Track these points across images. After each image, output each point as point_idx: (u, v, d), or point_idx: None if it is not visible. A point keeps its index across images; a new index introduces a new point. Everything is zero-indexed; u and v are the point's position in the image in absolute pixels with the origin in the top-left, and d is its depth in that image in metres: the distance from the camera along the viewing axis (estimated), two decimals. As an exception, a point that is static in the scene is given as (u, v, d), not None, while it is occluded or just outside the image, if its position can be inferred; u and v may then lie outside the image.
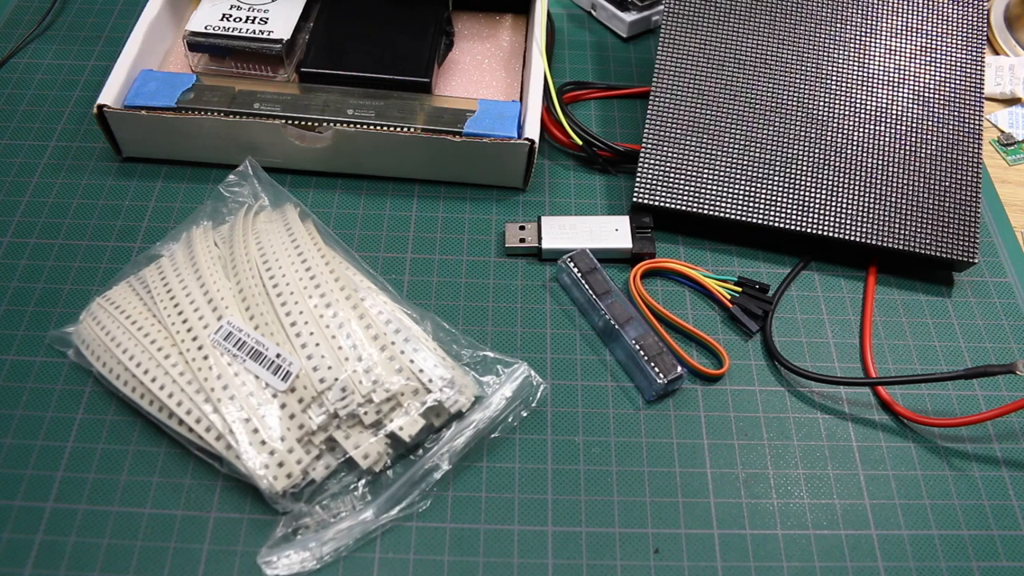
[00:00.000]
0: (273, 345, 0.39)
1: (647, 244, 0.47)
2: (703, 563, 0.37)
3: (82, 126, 0.53)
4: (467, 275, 0.47)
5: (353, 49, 0.51)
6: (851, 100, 0.49)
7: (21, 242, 0.47)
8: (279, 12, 0.52)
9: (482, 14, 0.59)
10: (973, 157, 0.48)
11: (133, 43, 0.50)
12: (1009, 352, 0.45)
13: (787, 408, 0.43)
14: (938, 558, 0.38)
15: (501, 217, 0.50)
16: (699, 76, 0.50)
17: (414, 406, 0.38)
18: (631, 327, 0.43)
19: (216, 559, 0.37)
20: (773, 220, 0.47)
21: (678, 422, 0.42)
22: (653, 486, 0.40)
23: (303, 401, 0.37)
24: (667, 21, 0.51)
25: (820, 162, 0.48)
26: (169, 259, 0.43)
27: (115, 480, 0.39)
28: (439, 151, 0.48)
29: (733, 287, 0.46)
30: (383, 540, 0.37)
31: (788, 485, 0.40)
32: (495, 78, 0.55)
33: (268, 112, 0.47)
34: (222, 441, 0.37)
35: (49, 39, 0.59)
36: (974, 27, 0.51)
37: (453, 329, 0.42)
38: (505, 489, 0.39)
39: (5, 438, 0.40)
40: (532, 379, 0.41)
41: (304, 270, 0.41)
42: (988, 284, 0.48)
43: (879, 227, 0.46)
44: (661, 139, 0.48)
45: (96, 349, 0.40)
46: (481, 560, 0.37)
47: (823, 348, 0.45)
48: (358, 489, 0.38)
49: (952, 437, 0.42)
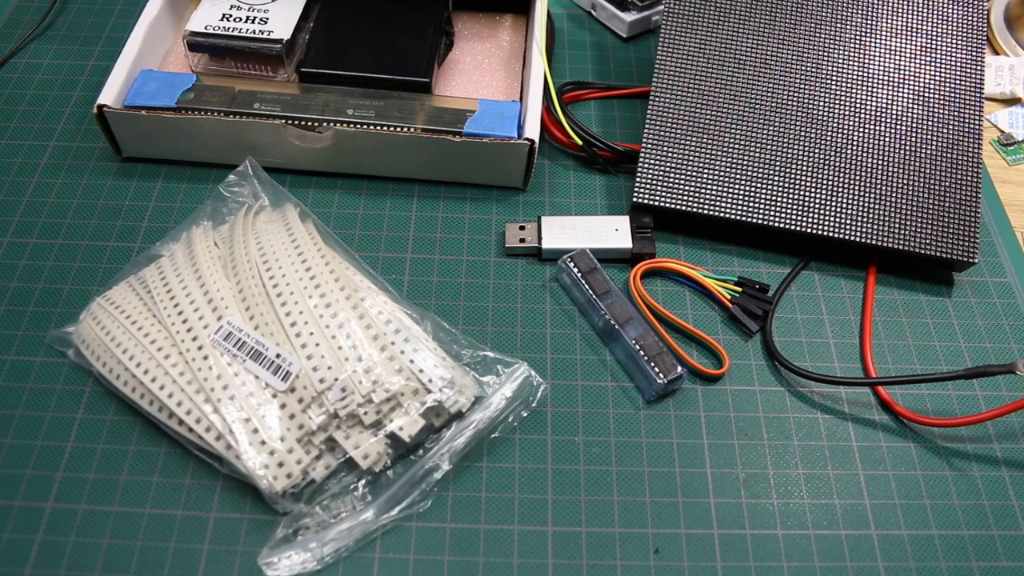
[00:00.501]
0: (273, 345, 0.39)
1: (647, 244, 0.47)
2: (703, 563, 0.37)
3: (82, 126, 0.53)
4: (467, 275, 0.47)
5: (353, 49, 0.51)
6: (851, 100, 0.49)
7: (21, 242, 0.47)
8: (279, 12, 0.52)
9: (482, 14, 0.59)
10: (973, 157, 0.48)
11: (133, 43, 0.50)
12: (1009, 352, 0.45)
13: (787, 408, 0.43)
14: (938, 558, 0.38)
15: (501, 217, 0.50)
16: (699, 76, 0.50)
17: (414, 406, 0.38)
18: (631, 327, 0.43)
19: (216, 559, 0.37)
20: (773, 220, 0.47)
21: (678, 422, 0.42)
22: (653, 486, 0.40)
23: (303, 401, 0.37)
24: (667, 21, 0.51)
25: (820, 162, 0.48)
26: (169, 259, 0.43)
27: (115, 480, 0.39)
28: (439, 151, 0.48)
29: (733, 287, 0.46)
30: (383, 540, 0.37)
31: (788, 485, 0.40)
32: (495, 78, 0.55)
33: (268, 112, 0.47)
34: (222, 441, 0.37)
35: (49, 39, 0.59)
36: (974, 27, 0.51)
37: (453, 329, 0.42)
38: (505, 489, 0.39)
39: (5, 438, 0.40)
40: (532, 379, 0.41)
41: (304, 270, 0.41)
42: (988, 284, 0.48)
43: (879, 227, 0.46)
44: (661, 139, 0.48)
45: (96, 349, 0.40)
46: (481, 560, 0.37)
47: (823, 348, 0.45)
48: (358, 489, 0.38)
49: (952, 437, 0.42)
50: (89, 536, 0.37)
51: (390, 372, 0.38)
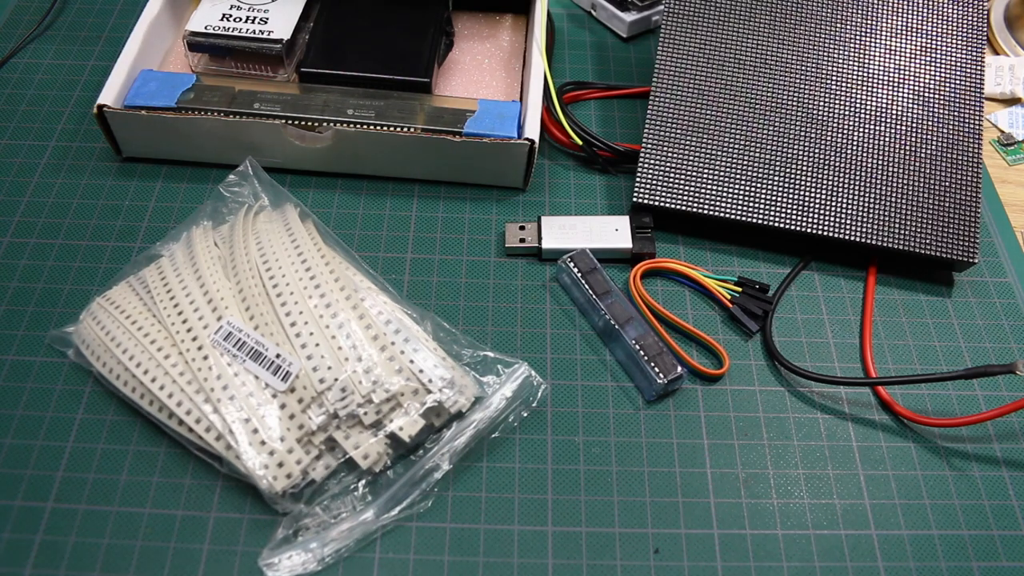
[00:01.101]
0: (273, 345, 0.39)
1: (647, 244, 0.47)
2: (703, 563, 0.37)
3: (82, 126, 0.53)
4: (467, 275, 0.47)
5: (353, 49, 0.51)
6: (851, 100, 0.49)
7: (21, 242, 0.47)
8: (279, 12, 0.52)
9: (482, 14, 0.59)
10: (973, 157, 0.48)
11: (133, 43, 0.50)
12: (1009, 352, 0.45)
13: (787, 408, 0.43)
14: (938, 558, 0.38)
15: (501, 217, 0.50)
16: (699, 76, 0.50)
17: (414, 406, 0.38)
18: (631, 327, 0.43)
19: (216, 559, 0.37)
20: (773, 220, 0.47)
21: (678, 422, 0.42)
22: (653, 486, 0.40)
23: (303, 401, 0.37)
24: (667, 21, 0.51)
25: (820, 162, 0.48)
26: (169, 259, 0.43)
27: (115, 480, 0.39)
28: (439, 151, 0.48)
29: (733, 287, 0.46)
30: (383, 540, 0.37)
31: (788, 485, 0.40)
32: (495, 78, 0.55)
33: (268, 112, 0.47)
34: (222, 441, 0.37)
35: (49, 39, 0.59)
36: (974, 27, 0.51)
37: (453, 329, 0.42)
38: (505, 489, 0.39)
39: (5, 438, 0.40)
40: (532, 379, 0.41)
41: (304, 270, 0.41)
42: (988, 284, 0.48)
43: (879, 227, 0.46)
44: (661, 139, 0.48)
45: (96, 349, 0.40)
46: (481, 560, 0.37)
47: (823, 348, 0.45)
48: (358, 489, 0.38)
49: (952, 437, 0.42)
50: (89, 536, 0.37)
51: (390, 372, 0.38)
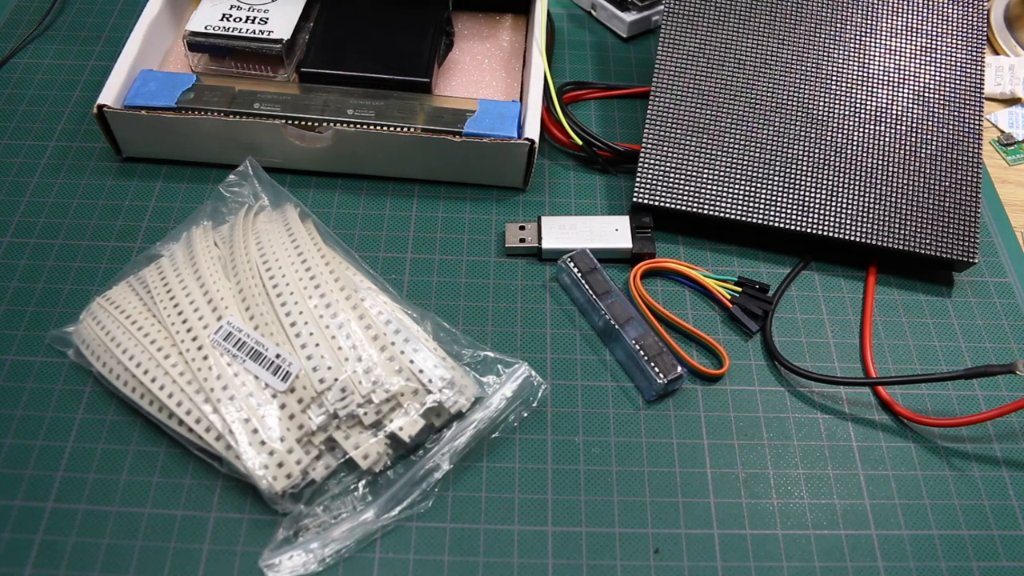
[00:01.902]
0: (273, 345, 0.39)
1: (647, 244, 0.47)
2: (703, 563, 0.37)
3: (82, 126, 0.53)
4: (467, 275, 0.47)
5: (353, 49, 0.51)
6: (851, 100, 0.49)
7: (21, 242, 0.47)
8: (279, 12, 0.52)
9: (482, 14, 0.59)
10: (973, 157, 0.48)
11: (133, 43, 0.50)
12: (1009, 352, 0.45)
13: (787, 408, 0.43)
14: (938, 558, 0.38)
15: (501, 217, 0.50)
16: (699, 76, 0.50)
17: (414, 406, 0.38)
18: (631, 327, 0.43)
19: (216, 559, 0.37)
20: (773, 220, 0.47)
21: (678, 422, 0.42)
22: (653, 486, 0.40)
23: (303, 401, 0.37)
24: (667, 21, 0.51)
25: (820, 162, 0.48)
26: (169, 259, 0.43)
27: (115, 480, 0.39)
28: (439, 151, 0.48)
29: (733, 287, 0.46)
30: (383, 540, 0.37)
31: (788, 485, 0.40)
32: (495, 78, 0.55)
33: (268, 112, 0.47)
34: (222, 441, 0.37)
35: (49, 39, 0.59)
36: (974, 27, 0.51)
37: (453, 329, 0.42)
38: (505, 489, 0.39)
39: (5, 438, 0.40)
40: (532, 379, 0.41)
41: (304, 270, 0.41)
42: (988, 284, 0.48)
43: (879, 227, 0.46)
44: (661, 139, 0.48)
45: (96, 349, 0.40)
46: (481, 560, 0.37)
47: (823, 348, 0.45)
48: (358, 490, 0.38)
49: (952, 437, 0.42)
50: (89, 536, 0.37)
51: (390, 372, 0.38)
